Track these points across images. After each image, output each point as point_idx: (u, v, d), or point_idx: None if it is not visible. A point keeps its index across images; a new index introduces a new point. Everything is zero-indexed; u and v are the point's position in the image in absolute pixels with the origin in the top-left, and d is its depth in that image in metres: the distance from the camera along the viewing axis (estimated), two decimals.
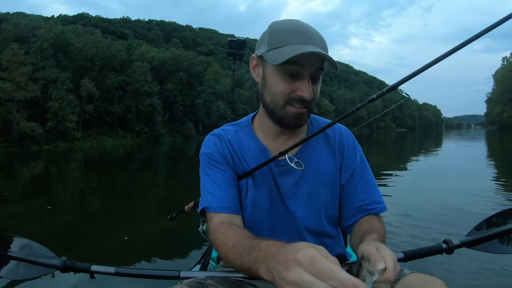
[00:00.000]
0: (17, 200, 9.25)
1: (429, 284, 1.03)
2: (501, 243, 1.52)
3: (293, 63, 1.12)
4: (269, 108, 1.25)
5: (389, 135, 67.87)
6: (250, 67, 1.29)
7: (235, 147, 1.36)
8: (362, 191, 1.36)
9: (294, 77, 1.17)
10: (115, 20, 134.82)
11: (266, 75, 1.23)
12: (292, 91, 1.17)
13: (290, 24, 1.19)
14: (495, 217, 1.63)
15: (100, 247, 4.97)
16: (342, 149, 1.39)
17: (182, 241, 5.05)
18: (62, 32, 53.77)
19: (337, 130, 1.42)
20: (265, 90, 1.24)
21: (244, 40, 2.72)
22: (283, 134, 1.34)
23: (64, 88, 48.75)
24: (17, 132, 41.68)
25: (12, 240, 1.64)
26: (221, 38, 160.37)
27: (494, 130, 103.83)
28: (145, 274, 1.44)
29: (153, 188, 11.15)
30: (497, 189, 7.95)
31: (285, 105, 1.20)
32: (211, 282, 1.24)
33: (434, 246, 1.47)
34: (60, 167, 19.81)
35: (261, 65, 1.25)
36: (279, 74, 1.18)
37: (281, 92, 1.19)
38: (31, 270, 1.54)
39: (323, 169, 1.35)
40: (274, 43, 1.17)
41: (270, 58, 1.16)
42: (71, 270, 1.48)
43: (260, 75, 1.26)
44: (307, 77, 1.17)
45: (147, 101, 59.51)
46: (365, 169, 1.40)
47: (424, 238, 4.52)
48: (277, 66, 1.15)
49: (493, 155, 20.34)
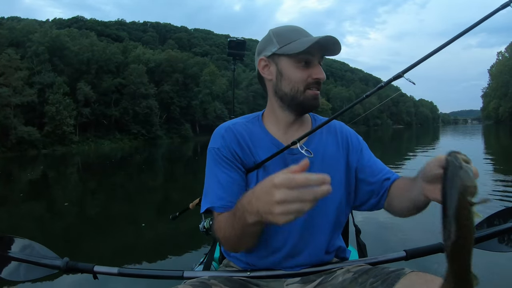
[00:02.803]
0: (19, 203, 9.28)
1: (430, 282, 1.04)
2: (502, 241, 1.53)
3: (305, 53, 1.29)
4: (289, 97, 1.36)
5: (387, 132, 67.93)
6: (259, 69, 1.41)
7: (246, 138, 1.40)
8: (376, 164, 1.45)
9: (307, 64, 1.32)
10: (110, 23, 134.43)
11: (281, 69, 1.35)
12: (309, 76, 1.33)
13: (290, 27, 1.40)
14: (496, 215, 1.64)
15: (103, 248, 4.98)
16: (346, 137, 1.48)
17: (184, 242, 5.07)
18: (57, 36, 53.66)
19: (337, 123, 1.53)
20: (283, 82, 1.36)
21: (244, 40, 2.72)
22: (294, 125, 1.43)
23: (61, 92, 48.63)
24: (15, 137, 41.48)
25: (13, 241, 1.62)
26: (216, 38, 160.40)
27: (490, 124, 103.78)
28: (149, 274, 1.45)
29: (154, 190, 11.17)
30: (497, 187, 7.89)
31: (304, 90, 1.33)
32: (215, 282, 1.26)
33: (435, 244, 1.47)
34: (59, 171, 19.83)
35: (273, 63, 1.38)
36: (295, 64, 1.32)
37: (300, 79, 1.33)
38: (33, 271, 1.52)
39: (329, 155, 1.41)
40: (283, 41, 1.33)
41: (289, 51, 1.31)
42: (74, 270, 1.47)
43: (273, 72, 1.38)
44: (317, 63, 1.34)
45: (144, 103, 59.43)
46: (368, 149, 1.51)
47: (426, 236, 4.45)
48: (293, 58, 1.32)
49: (491, 149, 20.35)
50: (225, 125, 1.44)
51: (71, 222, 7.14)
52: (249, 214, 0.97)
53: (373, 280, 1.16)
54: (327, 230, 1.40)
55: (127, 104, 58.93)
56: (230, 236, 1.18)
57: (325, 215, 1.39)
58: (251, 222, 0.99)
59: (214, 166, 1.35)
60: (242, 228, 1.08)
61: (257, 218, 0.94)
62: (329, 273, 1.35)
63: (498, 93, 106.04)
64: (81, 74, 54.99)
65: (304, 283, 1.35)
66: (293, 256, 1.36)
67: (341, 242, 1.50)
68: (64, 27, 78.94)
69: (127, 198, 9.71)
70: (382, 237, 4.73)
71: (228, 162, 1.35)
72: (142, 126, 59.69)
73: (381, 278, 1.15)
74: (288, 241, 1.35)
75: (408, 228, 4.94)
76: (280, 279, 1.38)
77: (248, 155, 1.37)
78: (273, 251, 1.36)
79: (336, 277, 1.30)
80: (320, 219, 1.38)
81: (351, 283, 1.23)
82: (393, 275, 1.12)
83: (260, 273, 1.37)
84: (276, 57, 1.36)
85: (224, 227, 1.19)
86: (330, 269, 1.37)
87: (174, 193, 10.26)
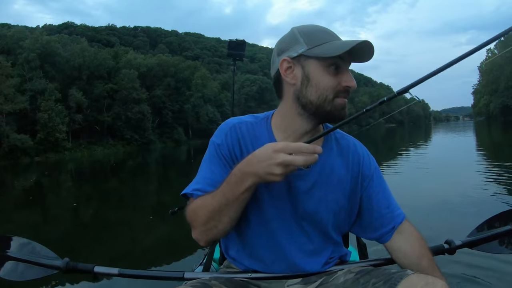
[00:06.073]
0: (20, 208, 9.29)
1: (431, 285, 1.05)
2: (503, 243, 1.54)
3: (337, 58, 1.19)
4: (314, 105, 1.25)
5: (379, 131, 67.97)
6: (281, 71, 1.28)
7: (248, 141, 1.34)
8: (384, 198, 1.39)
9: (337, 70, 1.22)
10: (101, 28, 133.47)
11: (309, 72, 1.24)
12: (339, 83, 1.22)
13: (317, 26, 1.28)
14: (497, 218, 1.63)
15: (103, 250, 4.98)
16: (358, 158, 1.40)
17: (185, 242, 5.05)
18: (48, 42, 53.20)
19: (351, 142, 1.43)
20: (309, 87, 1.24)
21: (243, 41, 2.68)
22: (307, 134, 1.32)
23: (53, 98, 48.21)
24: (7, 145, 41.10)
25: (14, 241, 1.60)
26: (207, 42, 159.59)
27: (482, 120, 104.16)
28: (149, 275, 1.46)
29: (150, 193, 11.19)
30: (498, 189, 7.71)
31: (333, 98, 1.23)
32: (215, 282, 1.26)
33: (436, 246, 1.50)
34: (56, 178, 19.74)
35: (299, 65, 1.25)
36: (325, 69, 1.22)
37: (330, 86, 1.22)
38: (33, 271, 1.51)
39: (335, 176, 1.35)
40: (314, 41, 1.22)
41: (322, 53, 1.20)
42: (74, 271, 1.47)
43: (298, 75, 1.25)
44: (347, 69, 1.25)
45: (136, 108, 59.09)
46: (381, 176, 1.42)
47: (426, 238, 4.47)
48: (323, 62, 1.21)
49: (484, 145, 20.42)
50: (231, 122, 1.38)
51: (72, 225, 7.17)
52: (246, 176, 1.11)
53: (375, 281, 1.17)
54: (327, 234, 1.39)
55: (119, 109, 58.58)
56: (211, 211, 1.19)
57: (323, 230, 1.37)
58: (246, 185, 1.12)
59: (211, 158, 1.34)
60: (233, 194, 1.14)
61: (254, 179, 1.10)
62: (330, 274, 1.35)
63: (488, 89, 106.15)
64: (72, 80, 54.59)
65: (305, 284, 1.34)
66: (292, 257, 1.35)
67: (342, 243, 1.49)
68: (54, 33, 78.43)
69: (126, 202, 9.78)
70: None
71: (224, 160, 1.32)
72: (135, 131, 59.37)
73: (383, 279, 1.15)
74: (287, 240, 1.34)
75: None
76: (281, 280, 1.37)
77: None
78: (272, 251, 1.35)
79: (337, 277, 1.30)
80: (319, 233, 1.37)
81: (353, 283, 1.23)
82: (395, 276, 1.13)
83: (261, 275, 1.36)
84: (303, 59, 1.24)
85: (206, 204, 1.21)
86: (331, 270, 1.37)
87: (170, 196, 10.27)
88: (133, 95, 58.90)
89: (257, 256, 1.37)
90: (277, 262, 1.35)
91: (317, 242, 1.37)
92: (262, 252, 1.36)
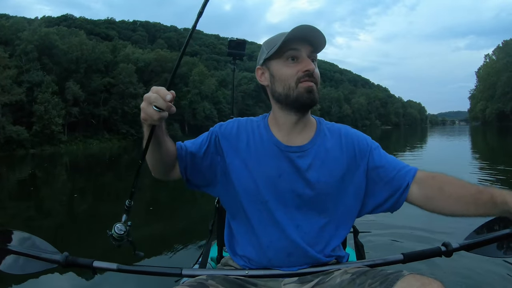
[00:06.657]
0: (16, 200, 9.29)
1: (427, 285, 1.08)
2: (500, 247, 1.54)
3: (291, 49, 1.36)
4: (283, 95, 1.41)
5: (375, 132, 68.01)
6: (258, 79, 1.50)
7: (249, 131, 1.50)
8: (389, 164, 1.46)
9: (295, 60, 1.38)
10: (100, 21, 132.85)
11: (273, 71, 1.43)
12: (298, 70, 1.37)
13: (279, 33, 1.42)
14: (495, 221, 1.62)
15: (101, 246, 4.99)
16: (351, 141, 1.49)
17: (183, 239, 5.06)
18: (46, 34, 52.84)
19: (342, 127, 1.56)
20: (276, 82, 1.43)
21: (244, 40, 2.68)
22: (296, 126, 1.46)
23: (49, 91, 47.83)
24: (3, 136, 40.73)
25: (13, 234, 1.60)
26: (206, 38, 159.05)
27: (477, 125, 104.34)
28: (148, 271, 1.45)
29: (147, 188, 11.18)
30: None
31: (296, 84, 1.37)
32: (212, 282, 1.29)
33: (433, 248, 1.50)
34: (54, 171, 19.68)
35: (266, 69, 1.46)
36: (284, 63, 1.39)
37: (290, 75, 1.38)
38: (33, 264, 1.50)
39: (331, 159, 1.43)
40: (270, 46, 1.41)
41: (270, 52, 1.39)
42: (73, 265, 1.47)
43: (267, 76, 1.46)
44: (305, 56, 1.38)
45: (133, 102, 58.71)
46: (381, 150, 1.51)
47: (423, 240, 4.45)
48: (280, 57, 1.39)
49: (479, 149, 20.46)
50: (237, 120, 1.55)
51: (67, 219, 7.16)
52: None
53: (371, 281, 1.19)
54: (326, 230, 1.42)
55: (116, 103, 58.32)
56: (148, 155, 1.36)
57: (325, 216, 1.42)
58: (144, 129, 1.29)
59: (202, 136, 1.52)
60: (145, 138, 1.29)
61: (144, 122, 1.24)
62: (326, 274, 1.36)
63: (485, 95, 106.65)
64: (70, 73, 54.23)
65: (301, 283, 1.37)
66: (291, 255, 1.38)
67: (339, 243, 1.50)
68: (53, 25, 77.98)
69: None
70: (380, 239, 4.70)
71: (208, 142, 1.48)
72: (131, 126, 58.98)
73: (379, 279, 1.17)
74: (285, 239, 1.37)
75: (405, 231, 4.92)
76: (277, 278, 1.39)
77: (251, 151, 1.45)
78: (270, 248, 1.38)
79: (334, 278, 1.32)
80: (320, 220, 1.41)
81: (349, 284, 1.25)
82: (391, 277, 1.15)
83: (258, 272, 1.39)
84: (267, 62, 1.45)
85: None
86: (327, 270, 1.38)
87: (167, 190, 10.28)
88: (130, 89, 58.64)
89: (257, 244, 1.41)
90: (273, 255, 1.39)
91: (317, 228, 1.41)
92: (262, 237, 1.40)
